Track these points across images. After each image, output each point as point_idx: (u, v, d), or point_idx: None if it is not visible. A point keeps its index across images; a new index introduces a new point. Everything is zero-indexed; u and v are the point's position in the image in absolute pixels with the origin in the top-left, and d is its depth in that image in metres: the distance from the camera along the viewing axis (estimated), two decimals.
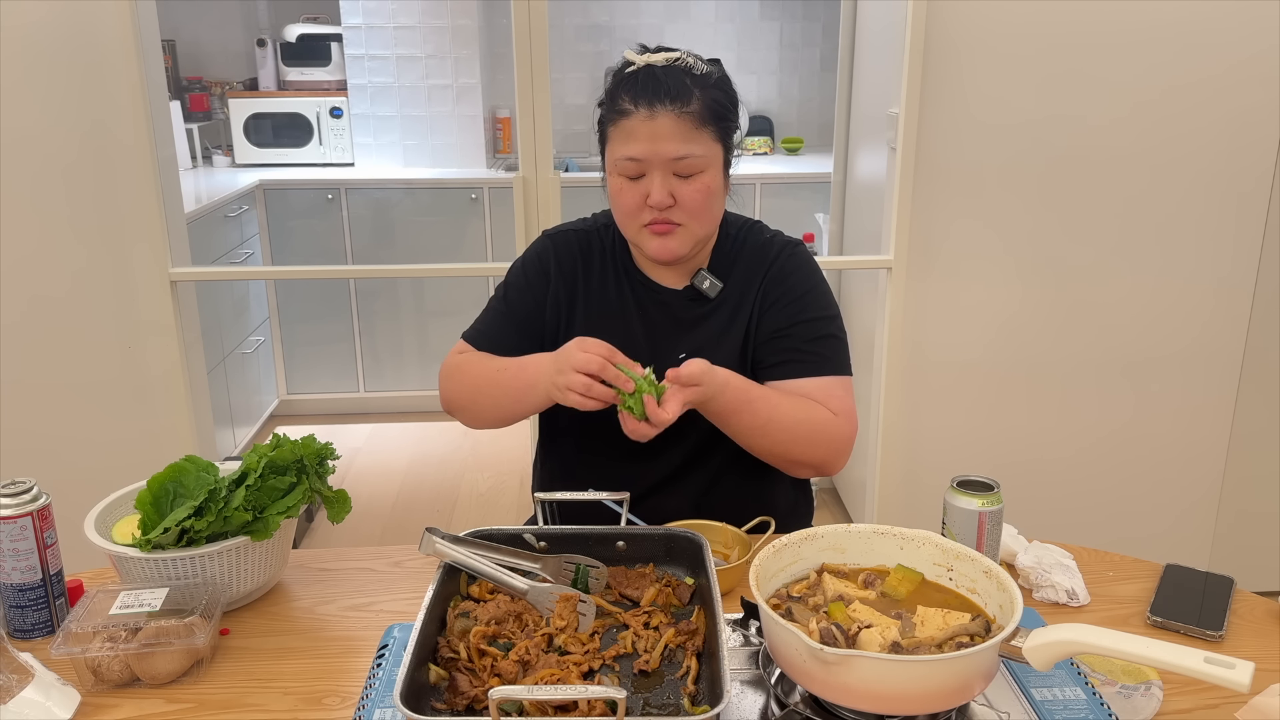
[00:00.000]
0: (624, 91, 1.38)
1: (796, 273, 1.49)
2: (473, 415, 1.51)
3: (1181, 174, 2.46)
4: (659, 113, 1.35)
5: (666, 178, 1.37)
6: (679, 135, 1.35)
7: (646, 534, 1.26)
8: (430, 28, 4.15)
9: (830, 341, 1.47)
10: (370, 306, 4.16)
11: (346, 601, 1.31)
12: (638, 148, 1.36)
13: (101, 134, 2.31)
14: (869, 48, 2.98)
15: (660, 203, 1.37)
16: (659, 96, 1.35)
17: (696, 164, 1.37)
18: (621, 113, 1.38)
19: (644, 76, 1.37)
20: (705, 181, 1.39)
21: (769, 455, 1.43)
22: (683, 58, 1.40)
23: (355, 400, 4.27)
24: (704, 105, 1.37)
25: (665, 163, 1.36)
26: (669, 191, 1.37)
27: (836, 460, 1.44)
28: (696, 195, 1.38)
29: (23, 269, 2.35)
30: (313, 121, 4.27)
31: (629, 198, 1.39)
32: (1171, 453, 2.65)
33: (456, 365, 1.50)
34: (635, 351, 1.49)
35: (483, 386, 1.47)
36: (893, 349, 2.55)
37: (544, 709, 0.95)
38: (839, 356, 1.47)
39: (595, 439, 1.48)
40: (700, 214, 1.40)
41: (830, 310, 1.49)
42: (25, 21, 2.22)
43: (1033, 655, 0.96)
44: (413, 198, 4.07)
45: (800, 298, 1.47)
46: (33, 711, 1.06)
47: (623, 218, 1.43)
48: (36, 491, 1.21)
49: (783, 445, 1.41)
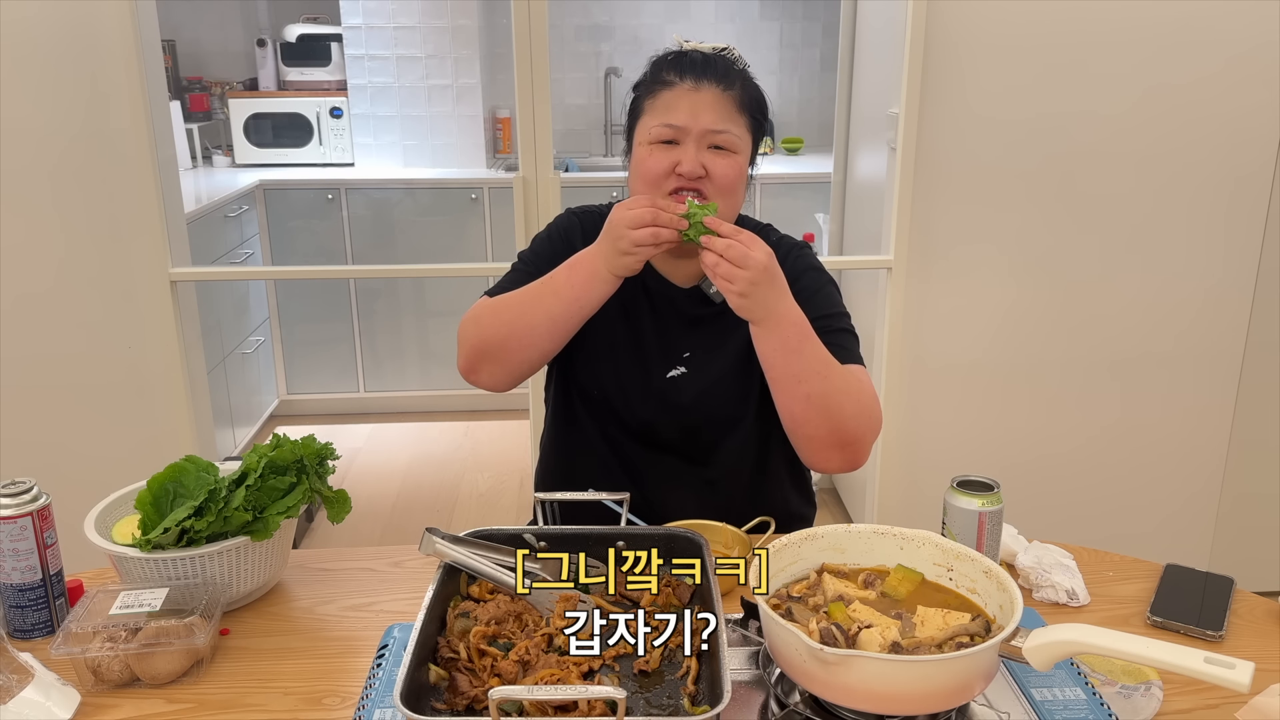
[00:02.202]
0: (669, 68, 1.40)
1: (807, 273, 1.48)
2: (509, 354, 1.40)
3: (1182, 173, 2.46)
4: (704, 87, 1.37)
5: (701, 150, 1.37)
6: (721, 110, 1.37)
7: (646, 534, 1.26)
8: (430, 28, 4.15)
9: (847, 335, 1.46)
10: (370, 306, 4.16)
11: (346, 601, 1.31)
12: (678, 116, 1.37)
13: (101, 134, 2.31)
14: (869, 48, 2.98)
15: (691, 172, 1.36)
16: (705, 73, 1.38)
17: (732, 142, 1.38)
18: (664, 84, 1.39)
19: (691, 55, 1.40)
20: (738, 162, 1.39)
21: (820, 413, 1.33)
22: (730, 50, 1.43)
23: (355, 400, 4.26)
24: (744, 94, 1.40)
25: (703, 134, 1.36)
26: (701, 163, 1.36)
27: (872, 439, 1.39)
28: (729, 171, 1.38)
29: (22, 269, 2.35)
30: (313, 121, 4.27)
31: (657, 161, 1.38)
32: (1171, 453, 2.65)
33: (487, 306, 1.42)
34: (642, 342, 1.49)
35: (526, 309, 1.38)
36: (893, 349, 2.54)
37: (544, 709, 0.95)
38: (856, 349, 1.46)
39: (609, 424, 1.49)
40: (728, 192, 1.39)
41: (841, 308, 1.49)
42: (25, 22, 2.22)
43: (1033, 655, 0.96)
44: (413, 198, 4.07)
45: (812, 297, 1.45)
46: (33, 711, 1.06)
47: (645, 185, 1.39)
48: (36, 491, 1.21)
49: (838, 399, 1.33)
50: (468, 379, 1.45)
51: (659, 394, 1.49)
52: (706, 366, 1.48)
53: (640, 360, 1.50)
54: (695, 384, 1.48)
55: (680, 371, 1.49)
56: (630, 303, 1.49)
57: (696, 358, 1.48)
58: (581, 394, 1.53)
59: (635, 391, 1.50)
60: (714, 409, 1.49)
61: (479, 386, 1.45)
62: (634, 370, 1.50)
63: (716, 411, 1.49)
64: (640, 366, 1.50)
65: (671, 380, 1.49)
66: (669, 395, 1.48)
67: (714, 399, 1.48)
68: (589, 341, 1.46)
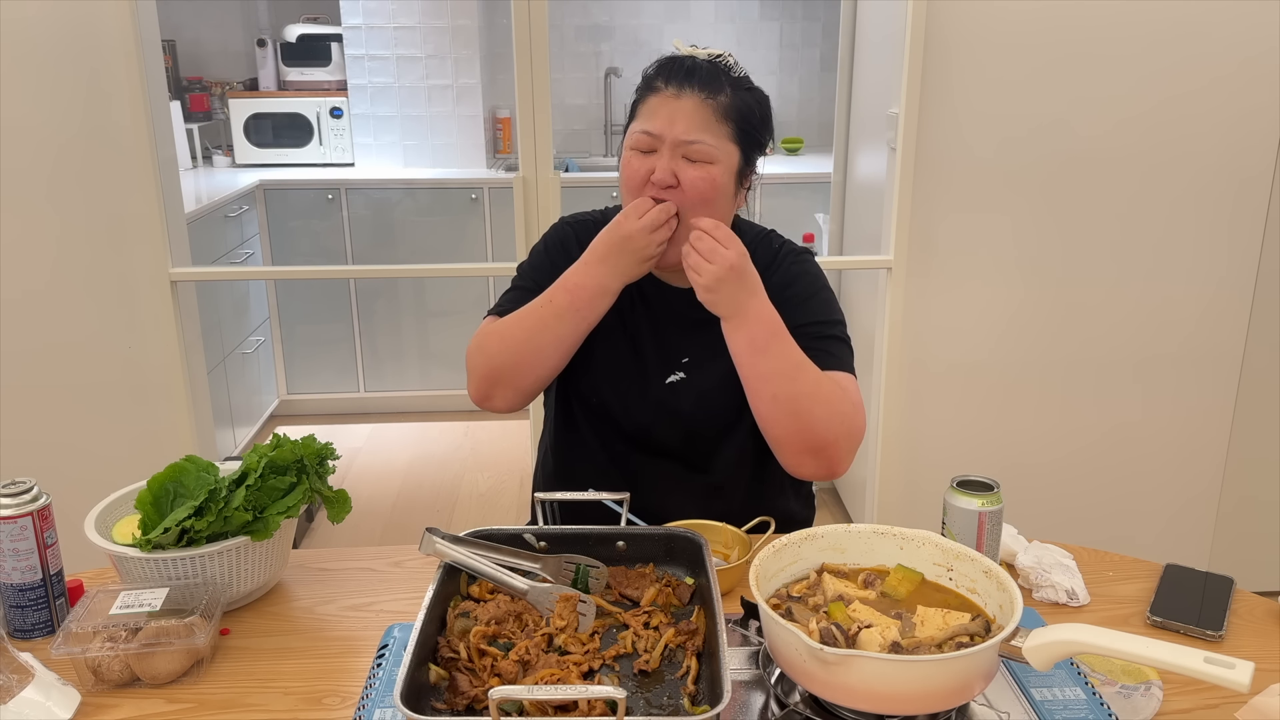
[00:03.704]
0: (660, 72, 1.40)
1: (802, 278, 1.48)
2: (520, 378, 1.43)
3: (1182, 174, 2.46)
4: (685, 95, 1.36)
5: (675, 158, 1.36)
6: (698, 120, 1.36)
7: (646, 534, 1.26)
8: (430, 28, 4.15)
9: (836, 343, 1.45)
10: (370, 306, 4.16)
11: (346, 601, 1.31)
12: (655, 123, 1.37)
13: (102, 134, 2.31)
14: (869, 48, 2.98)
15: (661, 180, 1.36)
16: (689, 80, 1.37)
17: (707, 152, 1.36)
18: (651, 89, 1.40)
19: (682, 60, 1.40)
20: (712, 173, 1.37)
21: (788, 415, 1.34)
22: (725, 57, 1.41)
23: (355, 400, 4.27)
24: (730, 102, 1.38)
25: (676, 143, 1.36)
26: (673, 171, 1.36)
27: (847, 446, 1.38)
28: (700, 182, 1.36)
29: (22, 268, 2.35)
30: (313, 121, 4.27)
31: (634, 171, 1.39)
32: (1171, 453, 2.65)
33: (493, 333, 1.44)
34: (639, 348, 1.49)
35: (533, 333, 1.40)
36: (892, 349, 2.55)
37: (544, 709, 0.95)
38: (845, 357, 1.45)
39: (608, 430, 1.49)
40: (700, 205, 1.37)
41: (835, 315, 1.48)
42: (25, 22, 2.22)
43: (1033, 655, 0.96)
44: (413, 198, 4.07)
45: (806, 301, 1.45)
46: (33, 711, 1.06)
47: (626, 190, 1.42)
48: (37, 491, 1.21)
49: (806, 403, 1.33)
50: (482, 406, 1.47)
51: (658, 400, 1.48)
52: (706, 371, 1.46)
53: (639, 367, 1.49)
54: (694, 388, 1.48)
55: (679, 377, 1.48)
56: (627, 310, 1.49)
57: (695, 362, 1.48)
58: (580, 401, 1.53)
59: (634, 399, 1.49)
60: (713, 413, 1.48)
61: (493, 411, 1.48)
62: (632, 378, 1.49)
63: (716, 416, 1.48)
64: (639, 374, 1.49)
65: (670, 386, 1.48)
66: (668, 401, 1.48)
67: (713, 404, 1.47)
68: (587, 350, 1.46)
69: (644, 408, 1.49)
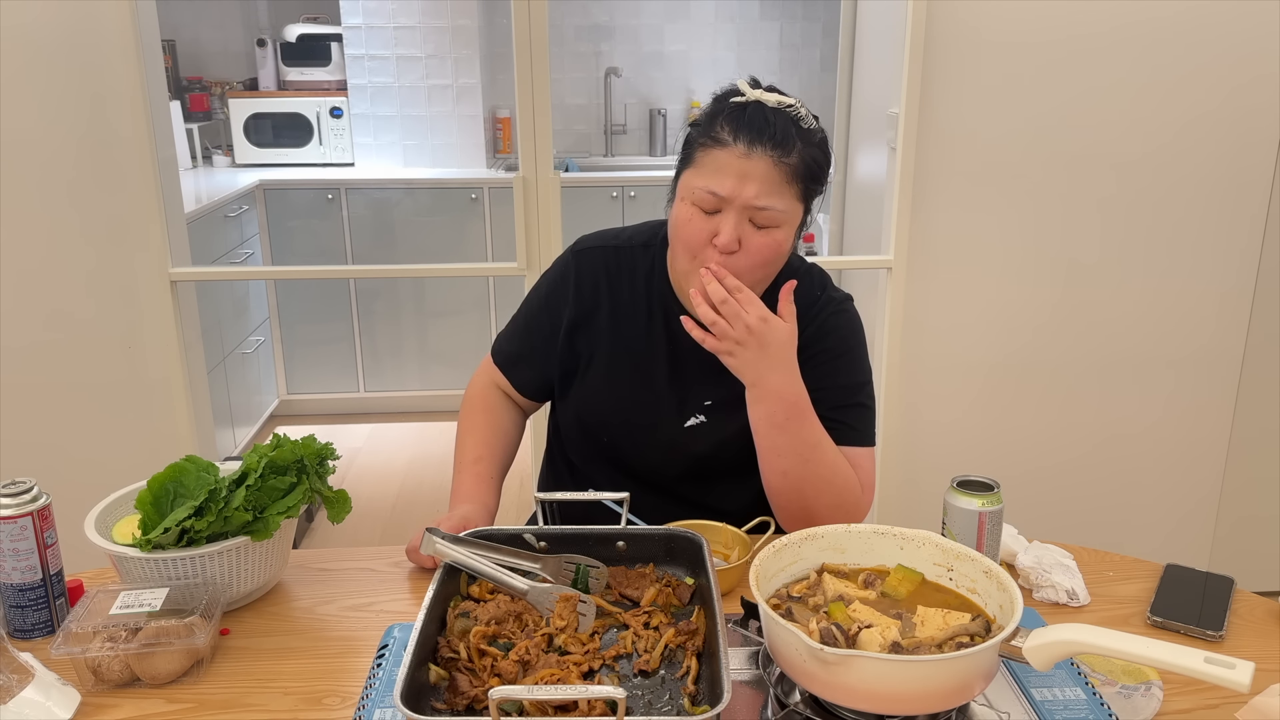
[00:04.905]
0: (727, 120, 1.30)
1: (836, 332, 1.43)
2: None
3: (1182, 174, 2.46)
4: (756, 154, 1.27)
5: (741, 222, 1.29)
6: (768, 184, 1.28)
7: (646, 534, 1.26)
8: (430, 28, 4.15)
9: (858, 410, 1.42)
10: (370, 306, 4.16)
11: (346, 601, 1.31)
12: (724, 184, 1.28)
13: (101, 134, 2.31)
14: (869, 48, 2.98)
15: (726, 246, 1.28)
16: (761, 138, 1.27)
17: (775, 218, 1.30)
18: (717, 141, 1.29)
19: (752, 111, 1.29)
20: (777, 238, 1.31)
21: (794, 492, 1.35)
22: (795, 106, 1.32)
23: (355, 400, 4.27)
24: (801, 161, 1.30)
25: (745, 207, 1.28)
26: (738, 236, 1.29)
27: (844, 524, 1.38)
28: (765, 249, 1.30)
29: (22, 269, 2.35)
30: (313, 121, 4.27)
31: (696, 231, 1.31)
32: (1172, 453, 2.65)
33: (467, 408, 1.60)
34: (657, 391, 1.45)
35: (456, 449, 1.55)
36: (893, 349, 2.54)
37: (544, 709, 0.95)
38: (865, 427, 1.42)
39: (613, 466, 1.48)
40: (760, 269, 1.32)
41: (863, 376, 1.44)
42: (25, 22, 2.22)
43: (1033, 655, 0.96)
44: (413, 198, 4.07)
45: (836, 359, 1.42)
46: (33, 711, 1.06)
47: (682, 249, 1.34)
48: (37, 491, 1.21)
49: (815, 486, 1.33)
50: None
51: (672, 442, 1.45)
52: (728, 418, 1.41)
53: (656, 407, 1.45)
54: (715, 434, 1.44)
55: (699, 420, 1.44)
56: (648, 341, 1.45)
57: (718, 406, 1.43)
58: (585, 433, 1.50)
59: (646, 439, 1.46)
60: (728, 459, 1.45)
61: None
62: (648, 418, 1.46)
63: (730, 461, 1.45)
64: (655, 414, 1.46)
65: (690, 430, 1.45)
66: (684, 444, 1.45)
67: (729, 450, 1.44)
68: (595, 386, 1.45)
69: (656, 448, 1.46)
